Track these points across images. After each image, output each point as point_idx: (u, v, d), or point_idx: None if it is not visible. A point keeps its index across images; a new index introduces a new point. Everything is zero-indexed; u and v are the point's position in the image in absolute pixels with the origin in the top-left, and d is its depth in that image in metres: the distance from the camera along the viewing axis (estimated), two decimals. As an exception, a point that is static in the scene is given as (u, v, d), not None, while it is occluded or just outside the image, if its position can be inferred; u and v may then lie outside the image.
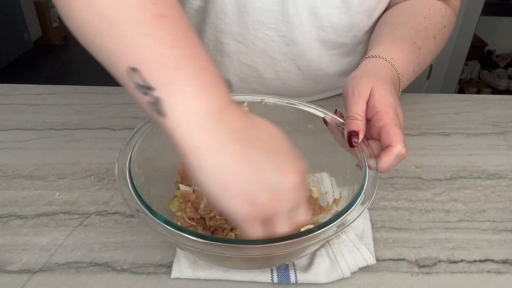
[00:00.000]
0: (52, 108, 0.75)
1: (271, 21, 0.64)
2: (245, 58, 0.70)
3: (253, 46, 0.68)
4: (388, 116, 0.45)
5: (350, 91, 0.47)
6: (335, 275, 0.45)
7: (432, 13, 0.61)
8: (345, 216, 0.38)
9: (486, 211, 0.55)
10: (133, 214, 0.38)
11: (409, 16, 0.61)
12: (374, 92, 0.46)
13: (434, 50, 0.60)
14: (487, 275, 0.47)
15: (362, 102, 0.46)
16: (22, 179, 0.58)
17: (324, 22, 0.64)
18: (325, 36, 0.67)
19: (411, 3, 0.64)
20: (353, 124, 0.46)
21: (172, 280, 0.45)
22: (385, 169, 0.44)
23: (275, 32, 0.65)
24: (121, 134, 0.68)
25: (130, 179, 0.41)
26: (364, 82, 0.47)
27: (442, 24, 0.61)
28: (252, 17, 0.63)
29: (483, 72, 2.66)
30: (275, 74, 0.72)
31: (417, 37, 0.56)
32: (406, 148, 0.44)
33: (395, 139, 0.44)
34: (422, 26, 0.58)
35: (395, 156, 0.44)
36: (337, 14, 0.63)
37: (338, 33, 0.66)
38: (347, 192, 0.47)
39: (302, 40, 0.66)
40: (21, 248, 0.48)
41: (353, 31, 0.66)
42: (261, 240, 0.35)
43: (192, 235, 0.36)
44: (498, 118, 0.76)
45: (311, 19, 0.64)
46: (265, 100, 0.54)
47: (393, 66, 0.51)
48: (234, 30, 0.66)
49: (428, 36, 0.58)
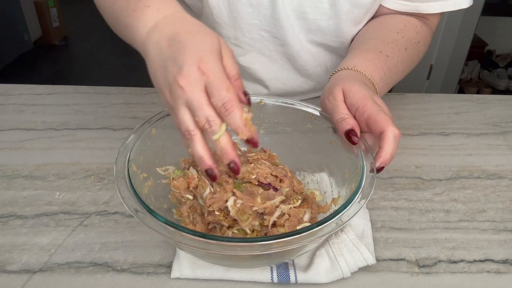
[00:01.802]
0: (52, 108, 0.75)
1: (263, 24, 0.66)
2: (243, 61, 0.71)
3: (249, 48, 0.69)
4: (367, 106, 0.46)
5: (326, 101, 0.50)
6: (335, 275, 0.45)
7: (406, 28, 0.63)
8: (343, 213, 0.38)
9: (486, 211, 0.55)
10: (133, 215, 0.38)
11: (382, 30, 0.64)
12: (347, 92, 0.48)
13: (408, 60, 0.62)
14: (487, 275, 0.47)
15: (340, 103, 0.48)
16: (22, 179, 0.58)
17: (312, 26, 0.66)
18: (313, 38, 0.68)
19: (388, 18, 0.66)
20: (345, 124, 0.47)
21: (172, 280, 0.45)
22: (389, 156, 0.45)
23: (268, 33, 0.67)
24: (121, 134, 0.68)
25: (129, 179, 0.41)
26: (334, 87, 0.49)
27: (415, 39, 0.64)
28: (245, 20, 0.65)
29: (483, 72, 2.66)
30: (273, 74, 0.73)
31: (384, 47, 0.59)
32: (397, 128, 0.45)
33: (384, 124, 0.45)
34: (393, 39, 0.61)
35: (392, 138, 0.45)
36: (325, 20, 0.65)
37: (326, 37, 0.68)
38: (345, 192, 0.47)
39: (294, 41, 0.67)
40: (21, 248, 0.48)
41: (340, 37, 0.68)
42: (259, 238, 0.35)
43: (190, 234, 0.36)
44: (498, 118, 0.76)
45: (300, 22, 0.65)
46: (264, 100, 0.54)
47: (357, 71, 0.53)
48: (230, 34, 0.67)
49: (398, 48, 0.60)
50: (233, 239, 0.38)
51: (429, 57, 1.98)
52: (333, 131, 0.50)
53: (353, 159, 0.47)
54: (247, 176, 0.45)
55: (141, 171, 0.46)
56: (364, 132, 0.48)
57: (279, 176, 0.46)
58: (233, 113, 0.38)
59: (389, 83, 0.59)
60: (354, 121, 0.47)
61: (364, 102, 0.46)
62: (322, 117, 0.51)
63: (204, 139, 0.40)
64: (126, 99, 0.78)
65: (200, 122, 0.38)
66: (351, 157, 0.47)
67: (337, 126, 0.48)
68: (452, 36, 1.90)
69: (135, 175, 0.44)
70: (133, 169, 0.44)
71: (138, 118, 0.72)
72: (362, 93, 0.47)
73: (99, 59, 3.00)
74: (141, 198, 0.39)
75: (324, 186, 0.53)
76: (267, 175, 0.45)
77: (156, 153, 0.49)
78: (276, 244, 0.36)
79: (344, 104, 0.48)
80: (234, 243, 0.36)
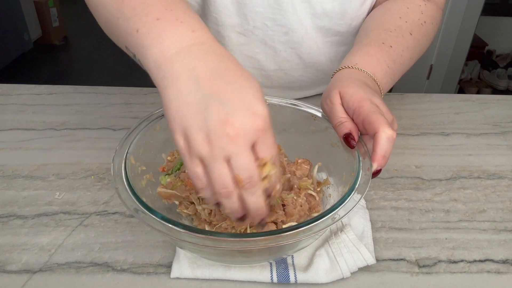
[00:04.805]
0: (52, 108, 0.75)
1: (268, 11, 0.65)
2: (246, 50, 0.71)
3: (253, 37, 0.69)
4: (363, 108, 0.46)
5: (325, 104, 0.50)
6: (335, 275, 0.45)
7: (409, 11, 0.62)
8: (339, 209, 0.39)
9: (486, 211, 0.55)
10: (132, 214, 0.38)
11: (384, 18, 0.63)
12: (343, 94, 0.48)
13: (415, 45, 0.61)
14: (487, 275, 0.47)
15: (338, 107, 0.48)
16: (22, 179, 0.58)
17: (317, 9, 0.65)
18: (319, 23, 0.68)
19: (390, 4, 0.65)
20: (342, 128, 0.47)
21: (172, 280, 0.45)
22: (382, 157, 0.44)
23: (273, 21, 0.66)
24: (121, 134, 0.68)
25: (126, 178, 0.41)
26: (332, 90, 0.49)
27: (421, 20, 0.62)
28: (250, 7, 0.65)
29: (483, 72, 2.66)
30: (276, 64, 0.73)
31: (387, 37, 0.58)
32: (392, 129, 0.44)
33: (377, 125, 0.44)
34: (396, 26, 0.60)
35: (385, 140, 0.44)
36: (330, 2, 0.64)
37: (332, 20, 0.67)
38: (341, 192, 0.47)
39: (298, 27, 0.67)
40: (21, 248, 0.48)
41: (346, 19, 0.67)
42: (256, 233, 0.35)
43: (188, 230, 0.36)
44: (498, 118, 0.76)
45: (304, 7, 0.65)
46: (269, 100, 0.54)
47: (359, 69, 0.53)
48: (234, 22, 0.67)
49: (402, 34, 0.59)
50: (230, 234, 0.39)
51: (429, 57, 1.98)
52: (335, 133, 0.50)
53: (351, 162, 0.47)
54: None
55: (140, 164, 0.46)
56: (363, 134, 0.48)
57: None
58: (254, 189, 0.35)
59: (395, 76, 0.58)
60: (352, 125, 0.47)
61: (360, 104, 0.46)
62: (324, 118, 0.52)
63: (240, 196, 0.36)
64: (126, 99, 0.78)
65: (240, 180, 0.34)
66: (349, 159, 0.47)
67: (336, 130, 0.48)
68: (452, 36, 1.90)
69: (133, 168, 0.44)
70: (131, 161, 0.44)
71: (138, 118, 0.72)
72: (358, 95, 0.47)
73: (99, 59, 3.00)
74: (136, 192, 0.40)
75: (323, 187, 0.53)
76: None
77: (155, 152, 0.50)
78: (272, 240, 0.36)
79: (342, 108, 0.48)
80: (232, 238, 0.36)
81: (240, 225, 0.41)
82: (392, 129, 0.44)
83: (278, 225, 0.44)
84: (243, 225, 0.41)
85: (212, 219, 0.45)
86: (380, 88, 0.53)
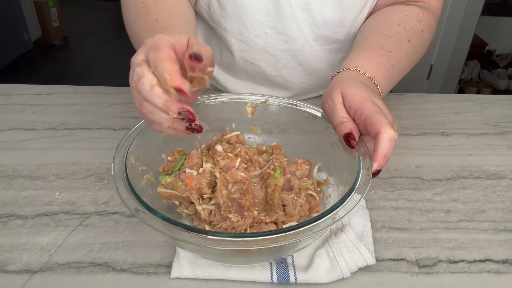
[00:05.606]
0: (52, 108, 0.75)
1: (268, 19, 0.66)
2: (247, 56, 0.72)
3: (253, 44, 0.69)
4: (365, 109, 0.46)
5: (326, 104, 0.50)
6: (335, 275, 0.45)
7: (408, 19, 0.63)
8: (339, 209, 0.39)
9: (486, 211, 0.55)
10: (133, 214, 0.38)
11: (383, 23, 0.63)
12: (345, 94, 0.48)
13: (412, 52, 0.62)
14: (487, 275, 0.47)
15: (339, 106, 0.48)
16: (22, 179, 0.58)
17: (317, 18, 0.66)
18: (318, 32, 0.68)
19: (388, 10, 0.66)
20: (343, 127, 0.47)
21: (172, 280, 0.45)
22: (383, 158, 0.44)
23: (273, 29, 0.67)
24: (121, 134, 0.68)
25: (126, 178, 0.41)
26: (333, 90, 0.49)
27: (418, 28, 0.63)
28: (250, 16, 0.65)
29: (483, 72, 2.66)
30: (277, 71, 0.73)
31: (387, 42, 0.58)
32: (394, 129, 0.44)
33: (379, 125, 0.44)
34: (395, 32, 0.60)
35: (387, 140, 0.44)
36: (330, 10, 0.65)
37: (331, 29, 0.68)
38: (341, 193, 0.47)
39: (298, 35, 0.67)
40: (21, 248, 0.48)
41: (345, 27, 0.67)
42: (256, 233, 0.35)
43: (189, 230, 0.36)
44: (498, 118, 0.76)
45: (304, 15, 0.66)
46: (269, 100, 0.54)
47: (359, 71, 0.53)
48: (235, 29, 0.68)
49: (401, 41, 0.60)
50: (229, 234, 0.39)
51: (429, 57, 1.98)
52: (335, 133, 0.50)
53: (351, 162, 0.47)
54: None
55: (140, 164, 0.46)
56: (364, 135, 0.48)
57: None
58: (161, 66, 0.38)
59: (393, 80, 0.58)
60: (352, 125, 0.47)
61: (362, 104, 0.46)
62: (324, 118, 0.52)
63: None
64: (126, 99, 0.78)
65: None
66: (350, 159, 0.47)
67: (336, 129, 0.48)
68: (452, 36, 1.90)
69: (134, 168, 0.44)
70: (131, 161, 0.44)
71: (138, 118, 0.72)
72: (360, 96, 0.47)
73: (99, 59, 3.00)
74: (136, 191, 0.40)
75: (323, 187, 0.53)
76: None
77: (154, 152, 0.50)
78: (272, 240, 0.36)
79: (343, 107, 0.48)
80: (232, 239, 0.36)
81: (185, 134, 0.42)
82: (394, 129, 0.44)
83: (278, 225, 0.45)
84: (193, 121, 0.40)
85: (212, 219, 0.45)
86: (380, 91, 0.53)
